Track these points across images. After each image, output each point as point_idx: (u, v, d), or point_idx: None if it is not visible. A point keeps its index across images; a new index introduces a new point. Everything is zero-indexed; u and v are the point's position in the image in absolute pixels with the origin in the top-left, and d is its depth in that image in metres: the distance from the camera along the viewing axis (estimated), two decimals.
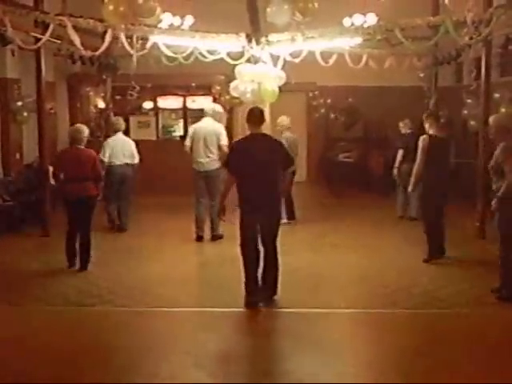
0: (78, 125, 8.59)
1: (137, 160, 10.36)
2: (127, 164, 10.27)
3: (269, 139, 6.74)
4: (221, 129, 9.57)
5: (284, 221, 9.02)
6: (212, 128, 9.52)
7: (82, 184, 7.90)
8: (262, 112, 6.76)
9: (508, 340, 5.77)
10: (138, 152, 10.51)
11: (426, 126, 8.36)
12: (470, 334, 5.92)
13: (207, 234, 9.66)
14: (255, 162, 6.44)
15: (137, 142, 10.83)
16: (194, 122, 10.47)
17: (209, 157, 9.48)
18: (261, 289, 6.61)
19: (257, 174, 6.45)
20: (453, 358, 5.30)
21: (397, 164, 11.00)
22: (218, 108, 9.87)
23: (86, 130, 8.19)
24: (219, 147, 9.41)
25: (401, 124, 11.36)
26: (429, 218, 8.29)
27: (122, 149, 10.24)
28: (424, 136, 8.27)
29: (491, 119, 6.95)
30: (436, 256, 8.18)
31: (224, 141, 9.45)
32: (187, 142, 9.69)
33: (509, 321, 6.28)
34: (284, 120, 10.70)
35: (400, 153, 10.95)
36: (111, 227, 10.39)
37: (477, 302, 6.68)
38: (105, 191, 9.67)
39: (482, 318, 6.35)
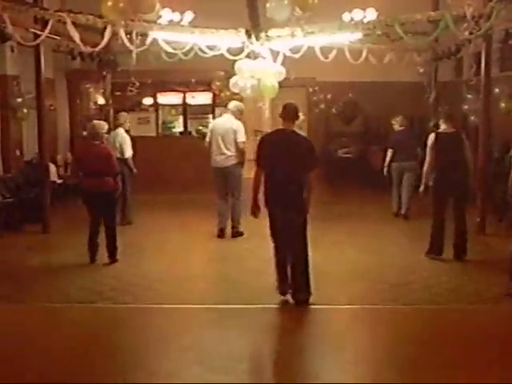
0: (97, 121, 8.68)
1: (126, 155, 10.36)
2: (118, 158, 10.16)
3: (298, 136, 6.70)
4: (239, 126, 9.55)
5: None
6: (230, 125, 9.53)
7: (100, 179, 8.06)
8: (295, 108, 6.73)
9: (509, 335, 5.77)
10: (137, 148, 10.55)
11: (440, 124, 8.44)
12: (470, 329, 5.93)
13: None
14: (282, 155, 6.44)
15: (137, 139, 10.86)
16: (194, 118, 10.53)
17: (225, 153, 9.48)
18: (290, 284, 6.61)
19: (282, 168, 6.43)
20: (453, 354, 5.30)
21: (386, 163, 11.04)
22: (240, 105, 9.80)
23: (104, 126, 8.37)
24: (236, 144, 9.44)
25: (393, 121, 11.34)
26: (434, 213, 8.27)
27: (112, 143, 10.31)
28: (431, 134, 8.36)
29: None
30: (435, 253, 8.15)
31: (241, 138, 9.46)
32: (207, 138, 9.79)
33: (509, 316, 6.29)
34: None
35: (389, 152, 11.00)
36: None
37: (477, 298, 6.69)
38: None
39: (483, 313, 6.36)
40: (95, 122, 8.60)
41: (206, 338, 5.70)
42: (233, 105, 9.81)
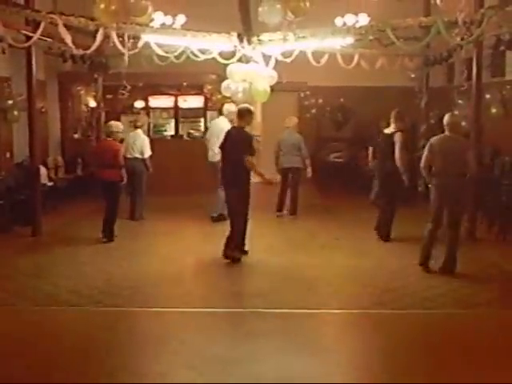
0: (114, 121, 10.01)
1: (146, 155, 11.02)
2: (137, 158, 10.97)
3: (242, 131, 8.36)
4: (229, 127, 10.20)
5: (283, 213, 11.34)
6: (222, 126, 10.30)
7: (109, 170, 9.41)
8: (247, 110, 8.35)
9: (497, 340, 5.79)
10: None
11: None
12: (459, 334, 5.94)
13: None
14: (231, 145, 8.27)
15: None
16: (185, 122, 10.91)
17: (214, 151, 10.22)
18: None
19: (230, 155, 8.24)
20: (442, 359, 5.31)
21: (370, 159, 11.21)
22: (230, 108, 10.56)
23: (119, 126, 9.80)
24: None
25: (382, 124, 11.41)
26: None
27: (132, 143, 11.02)
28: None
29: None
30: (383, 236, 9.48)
31: None
32: (207, 136, 11.30)
33: (498, 321, 6.30)
34: (288, 119, 11.65)
35: (370, 150, 11.15)
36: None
37: (466, 303, 6.70)
38: None
39: (471, 318, 6.36)
40: (112, 122, 9.93)
41: (195, 341, 5.68)
42: (224, 108, 10.91)
